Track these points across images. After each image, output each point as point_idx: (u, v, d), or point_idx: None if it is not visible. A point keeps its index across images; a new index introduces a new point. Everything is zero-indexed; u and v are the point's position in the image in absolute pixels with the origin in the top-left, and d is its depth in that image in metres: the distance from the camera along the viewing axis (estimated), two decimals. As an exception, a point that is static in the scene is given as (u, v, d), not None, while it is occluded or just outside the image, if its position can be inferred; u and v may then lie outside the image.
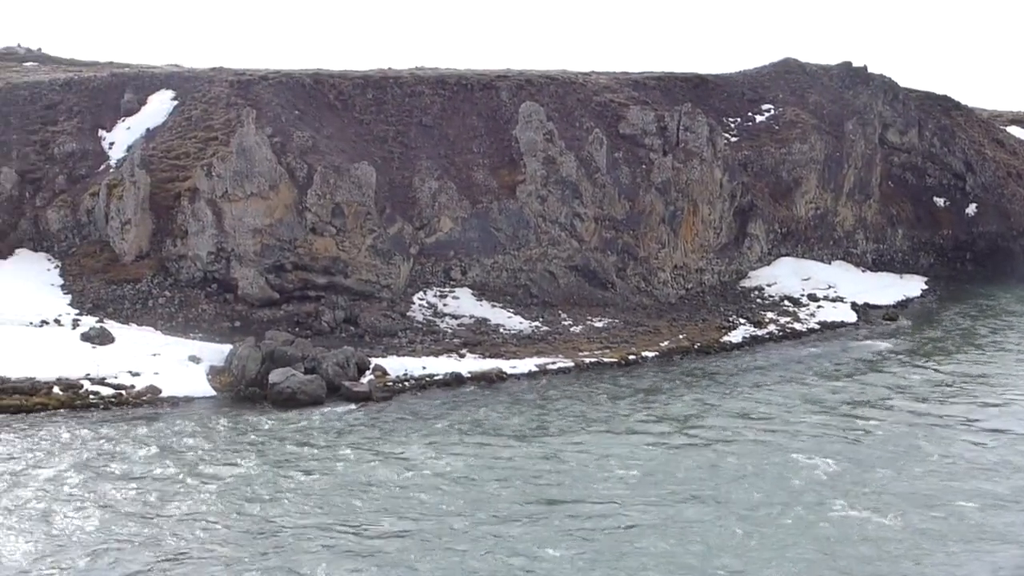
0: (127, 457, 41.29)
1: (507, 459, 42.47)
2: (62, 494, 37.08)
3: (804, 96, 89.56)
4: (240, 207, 61.90)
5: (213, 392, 51.68)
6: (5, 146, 67.31)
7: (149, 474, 39.46)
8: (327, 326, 60.62)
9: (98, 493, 37.33)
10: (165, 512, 35.81)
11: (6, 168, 65.56)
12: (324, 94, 71.17)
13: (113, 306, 58.92)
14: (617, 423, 48.04)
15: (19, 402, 47.70)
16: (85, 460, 40.70)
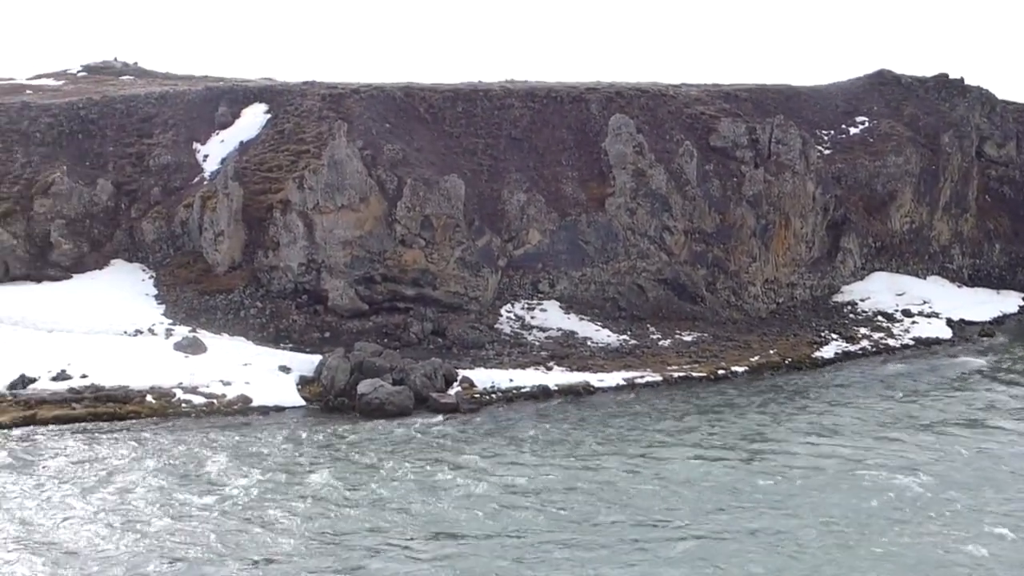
0: (215, 465, 41.70)
1: (593, 473, 42.11)
2: (148, 500, 37.53)
3: (899, 108, 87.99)
4: (331, 219, 62.43)
5: (302, 402, 52.12)
6: (102, 158, 68.70)
7: (236, 482, 39.78)
8: (415, 338, 60.82)
9: (183, 500, 37.71)
10: (250, 520, 36.03)
11: (103, 180, 66.86)
12: (415, 107, 71.55)
13: (206, 316, 59.74)
14: (705, 438, 47.44)
15: (113, 410, 48.55)
16: (174, 467, 41.19)
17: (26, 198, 64.44)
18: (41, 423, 46.56)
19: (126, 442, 44.41)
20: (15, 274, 62.07)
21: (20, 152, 67.38)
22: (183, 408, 49.90)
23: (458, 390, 54.41)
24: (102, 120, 71.13)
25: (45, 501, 37.08)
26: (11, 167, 66.35)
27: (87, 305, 58.72)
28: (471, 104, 73.19)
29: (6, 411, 47.17)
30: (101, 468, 40.83)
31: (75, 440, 44.45)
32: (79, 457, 42.08)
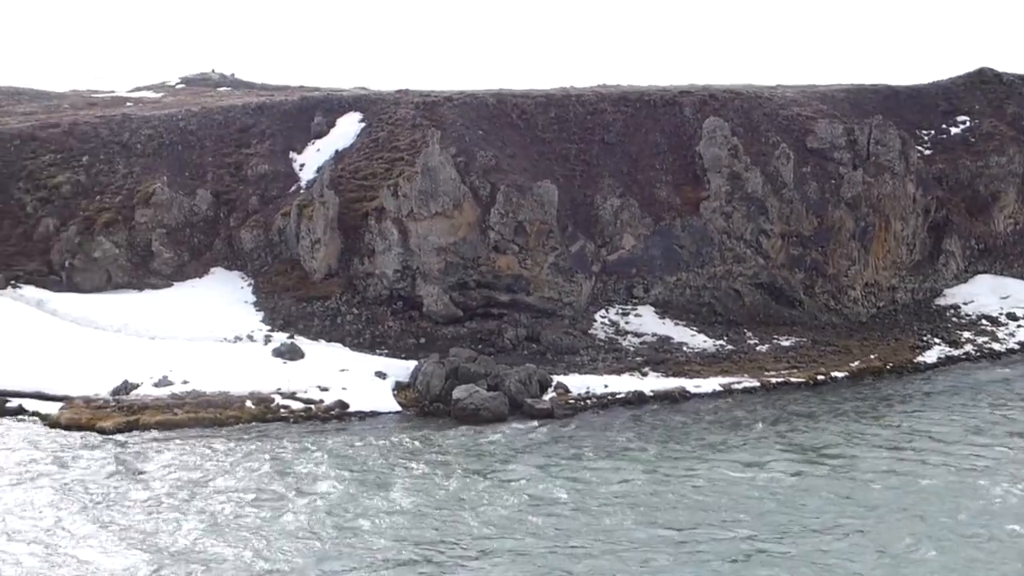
0: (313, 470, 42.08)
1: (689, 479, 41.70)
2: (246, 503, 37.95)
3: (1001, 107, 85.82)
4: (425, 226, 62.76)
5: (398, 407, 52.41)
6: (201, 168, 69.87)
7: (334, 486, 40.08)
8: (509, 343, 60.85)
9: (280, 504, 38.08)
10: (347, 524, 36.26)
11: (202, 190, 67.98)
12: (507, 113, 71.65)
13: (303, 323, 60.38)
14: (805, 443, 46.75)
15: (213, 415, 49.26)
16: (272, 472, 41.64)
17: (128, 208, 65.75)
18: (143, 428, 47.40)
19: (226, 447, 45.03)
20: (117, 282, 63.32)
21: (122, 163, 68.82)
22: (281, 413, 50.49)
23: (553, 396, 54.28)
24: (201, 131, 72.37)
25: (148, 504, 37.69)
26: (113, 178, 67.78)
27: (188, 312, 59.72)
28: (563, 109, 73.07)
29: (110, 416, 48.14)
30: (202, 472, 41.42)
31: (176, 445, 45.17)
32: (181, 461, 42.74)
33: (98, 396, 50.63)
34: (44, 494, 38.47)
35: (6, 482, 39.63)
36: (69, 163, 68.48)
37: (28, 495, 38.33)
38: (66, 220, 64.95)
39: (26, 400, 50.28)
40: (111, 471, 41.37)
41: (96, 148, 69.87)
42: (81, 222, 64.55)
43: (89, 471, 41.35)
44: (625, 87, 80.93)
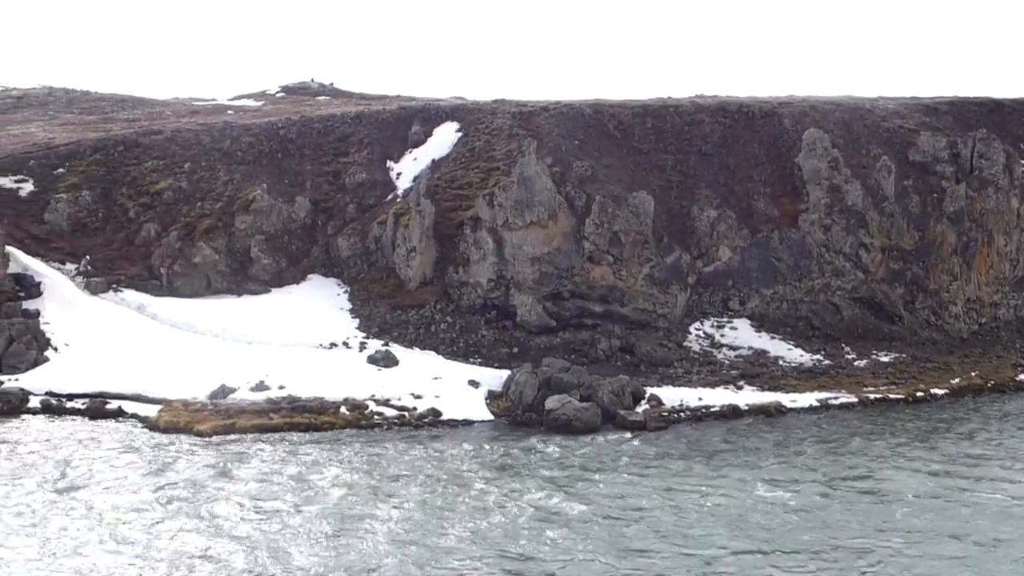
0: (405, 476, 42.17)
1: (782, 495, 41.00)
2: (339, 508, 38.13)
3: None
4: (520, 235, 62.78)
5: (491, 416, 52.44)
6: (300, 176, 70.69)
7: (426, 493, 40.09)
8: (603, 354, 60.57)
9: (372, 510, 38.16)
10: (437, 533, 36.23)
11: (300, 197, 68.78)
12: (604, 124, 71.45)
13: (398, 330, 60.73)
14: (904, 461, 45.72)
15: (309, 420, 49.72)
16: (365, 478, 41.80)
17: (228, 215, 66.72)
18: (240, 432, 47.98)
19: (321, 452, 45.36)
20: (217, 288, 64.26)
21: (222, 170, 69.88)
22: (375, 420, 50.79)
23: (646, 408, 53.91)
24: (300, 139, 73.28)
25: (243, 506, 38.06)
26: (214, 185, 68.86)
27: (284, 318, 60.41)
28: (661, 120, 72.66)
29: (207, 420, 48.80)
30: (297, 476, 41.73)
31: (272, 449, 45.61)
32: (276, 465, 43.12)
33: (196, 399, 51.40)
34: (143, 495, 39.04)
35: (107, 482, 40.32)
36: (171, 169, 69.75)
37: (127, 496, 38.93)
38: (167, 226, 66.12)
39: (126, 402, 51.25)
40: (208, 473, 41.87)
41: (198, 155, 71.09)
42: (182, 228, 65.67)
43: (187, 473, 41.89)
44: (723, 97, 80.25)
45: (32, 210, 66.75)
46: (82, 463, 42.58)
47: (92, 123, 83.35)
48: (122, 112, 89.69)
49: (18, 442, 45.23)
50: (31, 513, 36.75)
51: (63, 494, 38.79)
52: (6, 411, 49.73)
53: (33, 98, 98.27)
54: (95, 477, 40.87)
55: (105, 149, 71.45)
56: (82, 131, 78.21)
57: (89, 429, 47.84)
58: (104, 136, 74.26)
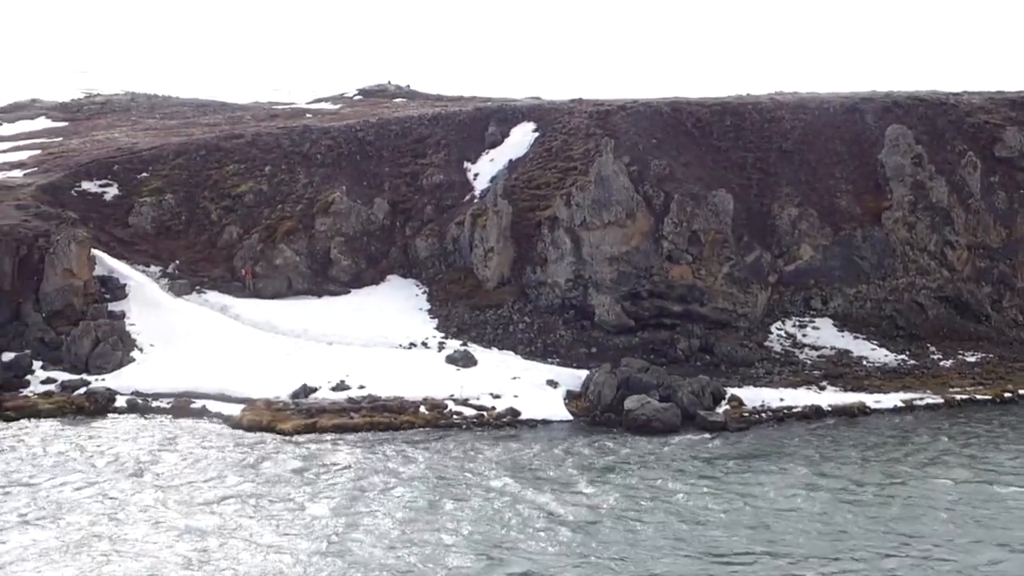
0: (486, 477, 42.19)
1: (864, 496, 40.37)
2: (419, 509, 38.22)
3: None
4: (598, 235, 62.50)
5: (569, 416, 52.28)
6: (378, 178, 71.08)
7: (506, 493, 40.06)
8: (682, 354, 60.07)
9: (451, 510, 38.22)
10: (514, 533, 36.15)
11: (379, 199, 69.14)
12: (682, 122, 70.91)
13: (476, 330, 60.76)
14: (990, 464, 44.78)
15: (388, 420, 49.97)
16: (446, 477, 41.88)
17: (308, 217, 67.28)
18: (321, 431, 48.36)
19: (401, 451, 45.54)
20: (297, 289, 64.77)
21: (302, 173, 70.50)
22: (454, 419, 50.89)
23: (726, 408, 53.41)
24: (378, 141, 73.67)
25: (324, 505, 38.31)
26: (294, 187, 69.49)
27: (364, 319, 60.75)
28: (739, 117, 71.94)
29: (289, 419, 49.24)
30: (379, 476, 41.93)
31: (353, 448, 45.89)
32: (357, 465, 43.37)
33: (278, 399, 51.90)
34: (227, 492, 39.47)
35: (192, 480, 40.84)
36: (252, 173, 70.54)
37: (212, 492, 39.39)
38: (249, 228, 66.84)
39: (210, 401, 51.86)
40: (291, 471, 42.24)
41: (278, 158, 71.81)
42: (263, 230, 66.33)
43: (270, 471, 42.32)
44: (803, 94, 79.28)
45: (117, 214, 67.88)
46: (168, 461, 43.23)
47: (174, 128, 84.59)
48: (203, 117, 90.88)
49: (105, 440, 45.99)
50: (122, 508, 37.34)
51: (151, 490, 39.36)
52: (93, 411, 50.60)
53: (116, 104, 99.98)
54: (181, 474, 41.45)
55: (187, 153, 72.45)
56: (165, 136, 79.41)
57: (174, 428, 48.53)
58: (186, 140, 75.32)
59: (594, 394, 53.52)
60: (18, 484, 39.79)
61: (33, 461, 42.80)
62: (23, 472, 41.30)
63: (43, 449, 44.51)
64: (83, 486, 39.80)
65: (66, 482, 40.15)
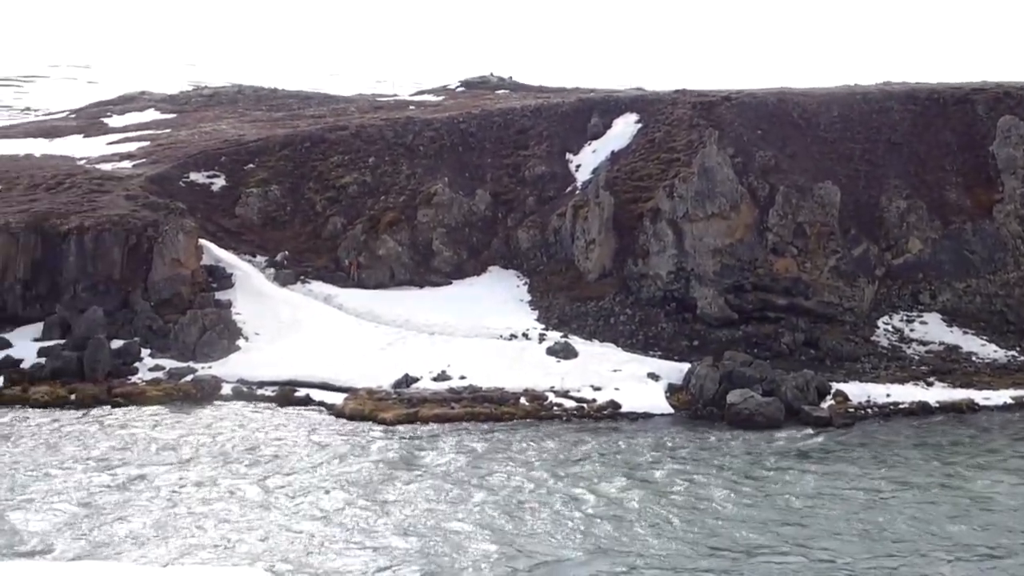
0: (586, 468, 42.07)
1: (980, 493, 39.41)
2: (518, 499, 38.22)
3: None
4: (701, 227, 61.88)
5: (671, 409, 51.89)
6: (480, 169, 71.28)
7: (605, 488, 39.89)
8: (786, 348, 59.22)
9: (554, 501, 38.15)
10: (611, 524, 35.98)
11: (481, 190, 69.33)
12: (787, 112, 69.89)
13: (577, 322, 60.58)
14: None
15: (489, 411, 50.08)
16: (546, 468, 41.84)
17: (411, 208, 67.72)
18: (422, 421, 48.65)
19: (501, 442, 45.61)
20: (400, 279, 65.20)
21: (405, 164, 70.99)
22: (555, 411, 50.82)
23: (831, 403, 52.60)
24: (480, 133, 73.87)
25: (425, 494, 38.53)
26: (397, 179, 70.00)
27: (465, 310, 60.94)
28: (847, 108, 70.66)
29: (391, 408, 49.61)
30: (479, 466, 42.04)
31: (454, 438, 46.09)
32: (458, 454, 43.56)
33: (380, 388, 52.32)
34: (330, 479, 39.92)
35: (296, 467, 41.39)
36: (356, 164, 71.21)
37: (315, 479, 39.87)
38: (352, 219, 67.49)
39: (313, 390, 52.45)
40: (393, 460, 42.58)
41: (381, 150, 72.39)
42: (367, 221, 66.91)
43: (372, 458, 42.71)
44: (912, 84, 77.65)
45: (224, 204, 69.06)
46: (272, 448, 43.88)
47: (280, 120, 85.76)
48: (308, 109, 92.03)
49: (212, 427, 46.83)
50: (230, 492, 37.99)
51: (257, 476, 39.97)
52: (199, 398, 51.50)
53: (223, 96, 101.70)
54: (286, 461, 42.05)
55: (293, 145, 73.39)
56: (270, 128, 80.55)
57: (278, 416, 49.22)
58: (292, 132, 76.31)
59: (696, 388, 53.05)
60: (129, 468, 40.66)
61: (143, 446, 43.73)
62: (134, 457, 42.20)
63: (151, 434, 45.45)
64: (191, 470, 40.57)
65: (175, 466, 40.95)
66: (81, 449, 43.06)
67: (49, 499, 37.08)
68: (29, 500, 36.95)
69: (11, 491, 37.81)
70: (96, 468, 40.58)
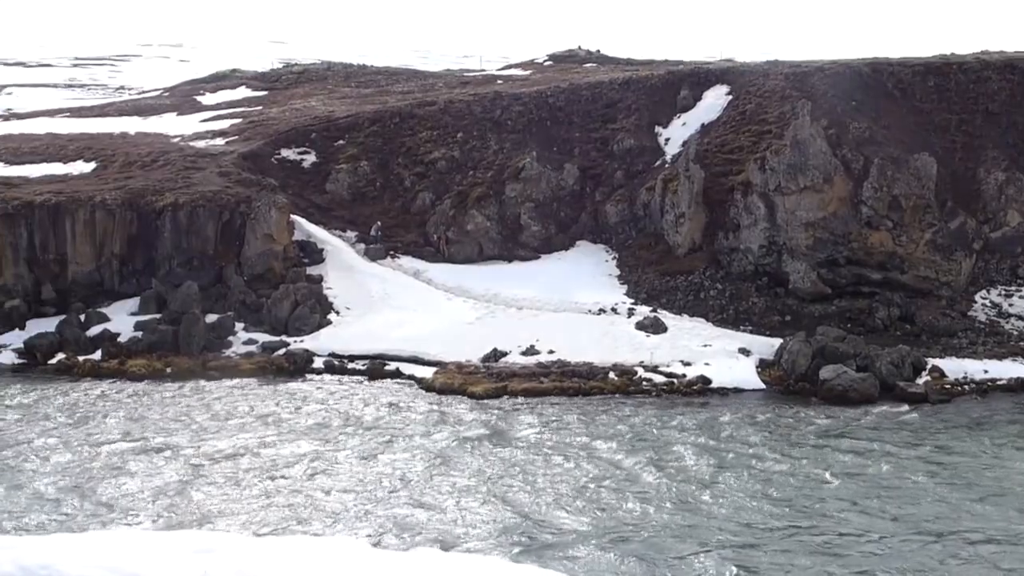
0: (677, 444, 41.81)
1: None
2: (608, 474, 38.11)
3: None
4: (793, 200, 60.97)
5: (762, 385, 51.32)
6: (568, 143, 70.97)
7: (695, 463, 39.63)
8: (880, 323, 58.19)
9: (644, 477, 37.99)
10: (702, 499, 35.72)
11: (569, 165, 69.03)
12: (882, 83, 68.51)
13: (666, 297, 60.16)
14: None
15: (578, 385, 49.95)
16: (636, 443, 41.71)
17: (498, 183, 67.66)
18: (511, 395, 48.70)
19: (591, 416, 45.53)
20: (488, 254, 65.24)
21: (493, 139, 70.92)
22: (644, 386, 50.54)
23: (927, 379, 51.59)
24: (568, 107, 73.49)
25: (515, 467, 38.60)
26: (485, 154, 69.99)
27: (553, 284, 60.82)
28: (943, 78, 69.03)
29: (480, 382, 49.73)
30: (568, 439, 42.03)
31: (543, 412, 46.10)
32: (547, 429, 43.58)
33: (470, 362, 52.45)
34: (419, 452, 40.18)
35: (387, 439, 41.72)
36: (444, 139, 71.31)
37: (407, 453, 40.17)
38: (441, 194, 67.64)
39: (403, 364, 52.78)
40: (483, 434, 42.73)
41: (469, 125, 72.40)
42: (455, 196, 67.02)
43: (463, 432, 42.92)
44: (1011, 53, 75.53)
45: (314, 180, 69.64)
46: (366, 420, 44.35)
47: (369, 96, 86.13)
48: (396, 85, 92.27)
49: (305, 400, 47.42)
50: (325, 463, 38.43)
51: (352, 448, 40.39)
52: (292, 371, 52.13)
53: (313, 73, 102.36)
54: (380, 433, 42.46)
55: (382, 121, 73.71)
56: (360, 104, 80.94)
57: (369, 389, 49.67)
58: (380, 108, 76.62)
59: (788, 363, 52.38)
60: (228, 439, 41.34)
61: (240, 418, 44.47)
62: (233, 428, 42.90)
63: (248, 406, 46.16)
64: (289, 442, 41.12)
65: (273, 438, 41.53)
66: (179, 421, 43.86)
67: (148, 469, 37.86)
68: (126, 468, 37.75)
69: (110, 458, 38.67)
70: (195, 439, 41.31)
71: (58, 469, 37.80)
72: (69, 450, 39.81)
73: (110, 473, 37.48)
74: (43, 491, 35.68)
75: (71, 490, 35.79)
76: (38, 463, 38.44)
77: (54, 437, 41.40)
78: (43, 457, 39.06)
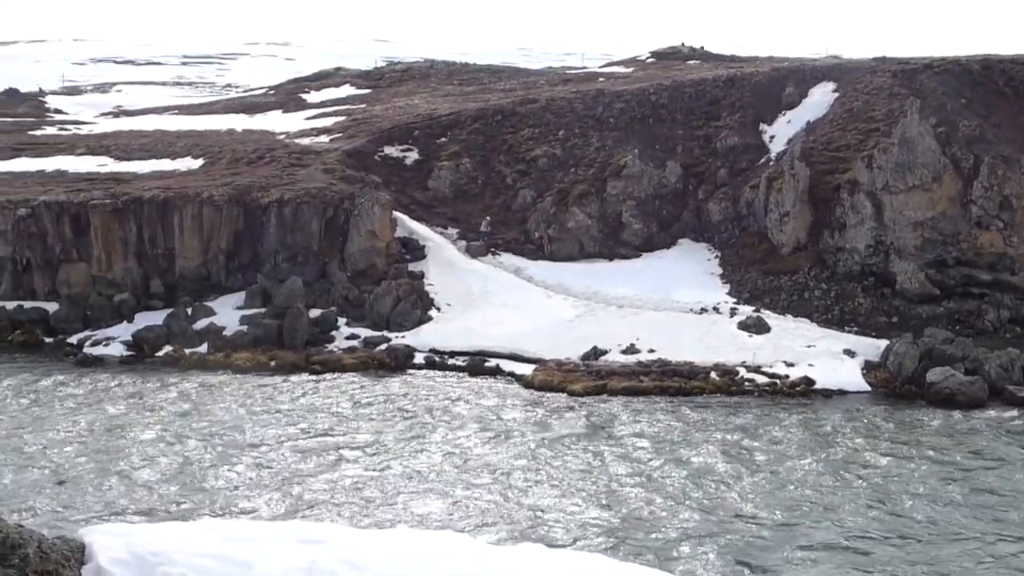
0: (778, 444, 41.37)
1: None
2: (706, 474, 37.82)
3: None
4: (901, 199, 59.83)
5: (867, 387, 50.42)
6: (671, 141, 70.50)
7: (798, 464, 39.16)
8: (990, 325, 56.83)
9: (742, 477, 37.63)
10: (805, 501, 35.24)
11: (671, 162, 68.55)
12: (993, 80, 66.92)
13: (769, 296, 59.44)
14: None
15: (678, 385, 49.56)
16: (737, 444, 41.35)
17: (600, 180, 67.46)
18: (611, 393, 48.52)
19: (691, 416, 45.21)
20: (589, 251, 65.07)
21: (595, 136, 70.75)
22: (745, 387, 49.98)
23: (1037, 383, 50.28)
24: (671, 104, 73.03)
25: (606, 468, 38.51)
26: (586, 151, 69.83)
27: (654, 283, 60.45)
28: (1058, 75, 67.21)
29: (579, 380, 49.64)
30: (668, 439, 41.83)
31: (643, 411, 45.89)
32: (647, 427, 43.41)
33: (569, 360, 52.37)
34: (518, 448, 40.30)
35: (487, 435, 41.92)
36: (546, 137, 71.31)
37: (508, 450, 40.30)
38: (542, 192, 67.63)
39: (503, 361, 52.89)
40: (583, 432, 42.71)
41: (571, 122, 72.30)
42: (556, 194, 66.97)
43: (562, 429, 42.98)
44: None
45: (417, 177, 70.14)
46: (469, 416, 44.69)
47: (471, 93, 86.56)
48: (498, 83, 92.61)
49: (408, 395, 47.86)
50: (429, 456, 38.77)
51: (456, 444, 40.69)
52: (393, 367, 52.57)
53: (416, 71, 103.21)
54: (484, 430, 42.78)
55: (484, 118, 73.97)
56: (462, 101, 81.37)
57: (469, 385, 49.89)
58: (483, 106, 76.91)
59: (894, 365, 51.39)
60: (333, 434, 41.94)
61: (346, 412, 45.07)
62: (338, 422, 43.49)
63: (352, 400, 46.75)
64: (394, 437, 41.61)
65: (377, 432, 42.03)
66: (285, 415, 44.56)
67: (257, 460, 38.53)
68: (236, 459, 38.44)
69: (221, 449, 39.41)
70: (301, 434, 41.97)
71: (168, 458, 38.68)
72: (178, 440, 40.69)
73: (220, 461, 38.24)
74: (152, 480, 36.56)
75: (180, 478, 36.60)
76: (149, 452, 39.36)
77: (163, 427, 42.35)
78: (153, 446, 39.98)
